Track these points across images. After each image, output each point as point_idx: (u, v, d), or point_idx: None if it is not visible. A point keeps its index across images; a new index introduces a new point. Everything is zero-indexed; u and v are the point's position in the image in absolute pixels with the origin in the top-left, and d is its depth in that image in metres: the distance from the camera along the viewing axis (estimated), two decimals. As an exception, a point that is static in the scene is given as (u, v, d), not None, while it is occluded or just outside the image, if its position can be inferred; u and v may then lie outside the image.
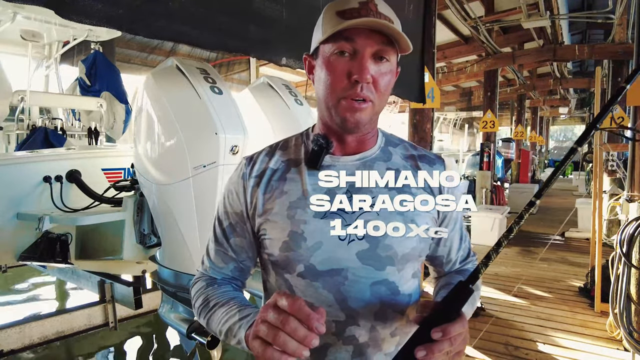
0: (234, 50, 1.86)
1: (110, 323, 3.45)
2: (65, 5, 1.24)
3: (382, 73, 0.80)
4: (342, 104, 0.80)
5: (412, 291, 0.87)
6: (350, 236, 0.81)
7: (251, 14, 1.87)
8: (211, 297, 0.86)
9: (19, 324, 3.05)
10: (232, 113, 2.28)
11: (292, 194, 0.84)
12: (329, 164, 0.85)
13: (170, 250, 2.47)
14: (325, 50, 0.80)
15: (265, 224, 0.84)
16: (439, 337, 0.67)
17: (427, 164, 0.90)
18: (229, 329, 0.79)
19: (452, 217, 0.92)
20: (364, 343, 0.82)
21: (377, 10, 0.78)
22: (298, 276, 0.82)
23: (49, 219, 2.63)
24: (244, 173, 0.89)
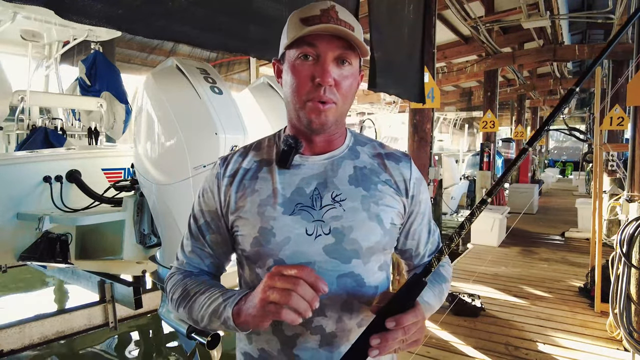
0: (234, 50, 1.86)
1: (110, 323, 3.44)
2: (65, 5, 1.23)
3: (344, 76, 0.84)
4: (308, 106, 0.84)
5: (378, 283, 0.90)
6: (317, 231, 0.84)
7: (251, 14, 1.87)
8: (190, 287, 0.89)
9: (19, 324, 3.04)
10: (232, 113, 2.28)
11: (262, 192, 0.88)
12: (299, 163, 0.90)
13: (170, 250, 2.47)
14: (290, 55, 0.85)
15: (238, 221, 0.89)
16: (392, 326, 0.71)
17: (394, 162, 0.95)
18: (213, 311, 0.81)
19: (418, 211, 0.96)
20: (331, 333, 0.85)
21: (338, 17, 0.82)
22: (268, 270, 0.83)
23: (49, 219, 2.63)
24: (218, 173, 0.93)
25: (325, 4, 0.84)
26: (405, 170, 0.94)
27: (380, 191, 0.89)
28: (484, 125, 8.21)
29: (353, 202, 0.87)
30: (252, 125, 2.50)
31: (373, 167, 0.92)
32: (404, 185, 0.93)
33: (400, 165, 0.94)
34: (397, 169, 0.94)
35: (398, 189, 0.92)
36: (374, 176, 0.91)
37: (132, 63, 8.50)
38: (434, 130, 4.98)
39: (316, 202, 0.86)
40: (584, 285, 4.39)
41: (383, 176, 0.92)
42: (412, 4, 3.16)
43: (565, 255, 5.98)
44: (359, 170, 0.91)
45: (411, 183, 0.94)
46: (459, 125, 19.20)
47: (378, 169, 0.93)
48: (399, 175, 0.93)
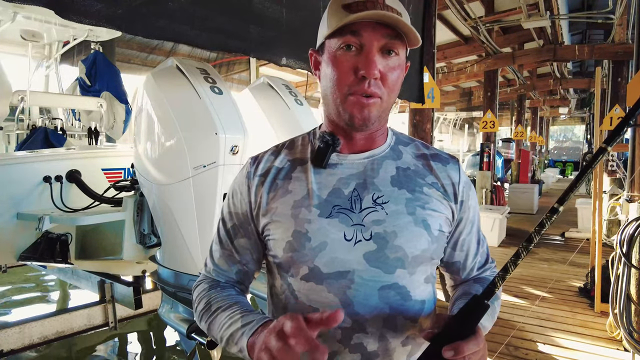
0: (234, 50, 1.86)
1: (110, 323, 3.44)
2: (65, 5, 1.24)
3: (390, 68, 0.76)
4: (350, 100, 0.76)
5: (425, 297, 0.82)
6: (356, 236, 0.77)
7: (251, 14, 1.87)
8: (213, 300, 0.84)
9: (19, 324, 3.04)
10: (232, 113, 2.27)
11: (296, 192, 0.81)
12: (336, 162, 0.82)
13: (170, 250, 2.47)
14: (331, 45, 0.77)
15: (270, 224, 0.81)
16: (450, 355, 0.63)
17: (440, 163, 0.86)
18: (230, 336, 0.76)
19: (468, 218, 0.88)
20: (372, 352, 0.77)
21: (384, 2, 0.75)
22: (302, 279, 0.78)
23: (49, 219, 2.63)
24: (248, 172, 0.86)
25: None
26: (454, 173, 0.85)
27: (426, 194, 0.81)
28: (484, 126, 8.21)
29: (396, 205, 0.78)
30: (252, 125, 2.50)
31: (417, 168, 0.84)
32: (452, 189, 0.84)
33: (448, 167, 0.86)
34: (445, 171, 0.85)
35: (446, 193, 0.83)
36: (418, 178, 0.83)
37: (132, 63, 8.49)
38: (434, 130, 4.99)
39: (355, 204, 0.78)
40: (584, 286, 4.39)
41: (429, 178, 0.83)
42: (412, 4, 3.16)
43: (565, 255, 5.98)
44: (402, 171, 0.82)
45: (460, 187, 0.85)
46: (459, 125, 19.20)
47: (423, 171, 0.84)
48: (447, 178, 0.85)
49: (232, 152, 2.21)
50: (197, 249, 2.29)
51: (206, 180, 2.20)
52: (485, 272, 0.94)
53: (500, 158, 11.31)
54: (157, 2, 1.51)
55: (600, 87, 6.01)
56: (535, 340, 3.32)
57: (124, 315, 3.56)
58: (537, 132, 16.91)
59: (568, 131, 37.86)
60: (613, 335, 3.32)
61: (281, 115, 2.82)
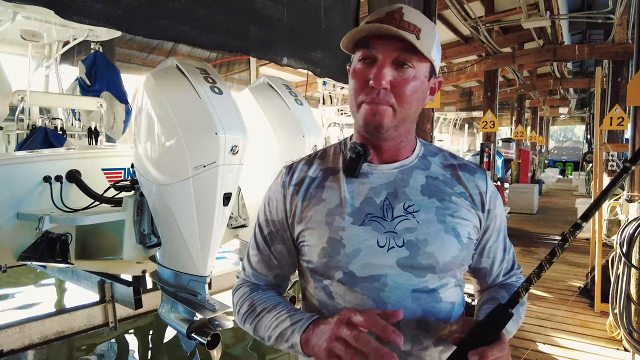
0: (234, 50, 1.86)
1: (110, 323, 3.44)
2: (65, 5, 1.24)
3: (403, 79, 0.80)
4: (362, 108, 0.81)
5: (454, 299, 0.86)
6: (389, 243, 0.80)
7: (252, 14, 1.87)
8: (257, 302, 0.87)
9: (19, 324, 3.03)
10: (232, 113, 2.27)
11: (330, 201, 0.85)
12: (367, 171, 0.86)
13: (170, 250, 2.47)
14: (354, 60, 0.84)
15: (304, 231, 0.85)
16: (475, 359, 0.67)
17: (468, 173, 0.90)
18: (280, 334, 0.79)
19: (494, 227, 0.91)
20: (406, 351, 0.80)
21: (402, 18, 0.79)
22: (338, 282, 0.82)
23: (49, 219, 2.62)
24: (284, 181, 0.91)
25: (393, 7, 0.81)
26: (481, 183, 0.90)
27: (455, 203, 0.85)
28: (484, 125, 8.21)
29: (427, 213, 0.82)
30: (252, 125, 2.50)
31: (446, 178, 0.88)
32: (479, 198, 0.88)
33: (476, 177, 0.90)
34: (472, 180, 0.89)
35: (474, 202, 0.87)
36: (447, 187, 0.87)
37: (132, 63, 8.49)
38: (434, 130, 4.98)
39: (387, 212, 0.82)
40: (584, 285, 4.39)
41: (457, 188, 0.87)
42: (412, 4, 3.16)
43: (565, 255, 5.98)
44: (432, 181, 0.87)
45: (487, 196, 0.89)
46: (459, 125, 19.20)
47: (451, 180, 0.88)
48: (475, 187, 0.89)
49: (232, 152, 2.21)
50: (197, 249, 2.29)
51: (206, 180, 2.20)
52: (511, 277, 0.97)
53: (500, 158, 11.29)
54: (157, 2, 1.51)
55: (600, 87, 6.01)
56: (535, 340, 3.32)
57: (124, 315, 3.56)
58: (537, 132, 16.91)
59: (568, 131, 37.86)
60: (613, 335, 3.32)
61: (281, 115, 2.82)
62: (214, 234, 2.27)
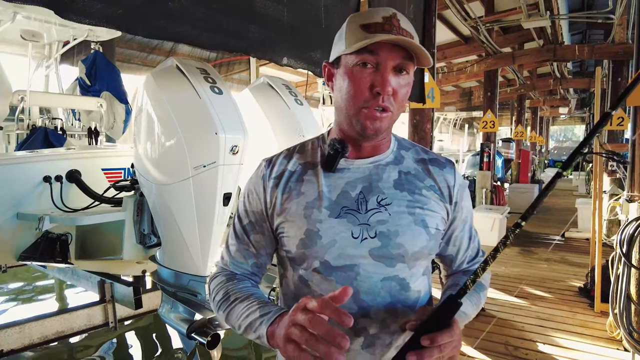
0: (234, 50, 1.86)
1: (110, 323, 3.44)
2: (65, 5, 1.24)
3: (401, 85, 0.85)
4: (363, 113, 0.84)
5: (422, 288, 0.91)
6: (362, 234, 0.85)
7: (252, 14, 1.87)
8: (231, 291, 0.91)
9: (19, 324, 3.03)
10: (232, 113, 2.27)
11: (308, 194, 0.89)
12: (344, 166, 0.91)
13: (170, 250, 2.47)
14: (348, 61, 0.84)
15: (284, 223, 0.90)
16: (427, 344, 0.72)
17: (437, 167, 0.95)
18: (249, 325, 0.83)
19: (461, 217, 0.97)
20: (374, 335, 0.86)
21: (400, 25, 0.82)
22: (314, 271, 0.87)
23: (49, 219, 2.63)
24: (263, 174, 0.94)
25: (387, 12, 0.83)
26: (450, 177, 0.95)
27: (425, 196, 0.90)
28: (484, 125, 8.21)
29: (399, 206, 0.88)
30: (252, 125, 2.50)
31: (417, 172, 0.93)
32: (447, 191, 0.94)
33: (444, 171, 0.95)
34: (441, 174, 0.94)
35: (442, 195, 0.93)
36: (418, 181, 0.92)
37: (132, 63, 8.49)
38: (434, 130, 4.99)
39: (362, 205, 0.87)
40: (584, 286, 4.39)
41: (427, 181, 0.93)
42: (412, 4, 3.16)
43: (565, 255, 5.98)
44: (404, 175, 0.92)
45: (455, 189, 0.94)
46: (459, 125, 19.19)
47: (422, 174, 0.93)
48: (443, 181, 0.94)
49: (232, 152, 2.21)
50: (197, 249, 2.29)
51: (206, 180, 2.20)
52: (475, 265, 1.04)
53: (500, 158, 11.30)
54: (157, 2, 1.51)
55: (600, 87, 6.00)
56: (535, 340, 3.32)
57: (124, 315, 3.56)
58: (537, 132, 16.91)
59: (568, 131, 37.86)
60: (613, 335, 3.32)
61: (281, 115, 2.82)
62: (214, 234, 2.27)
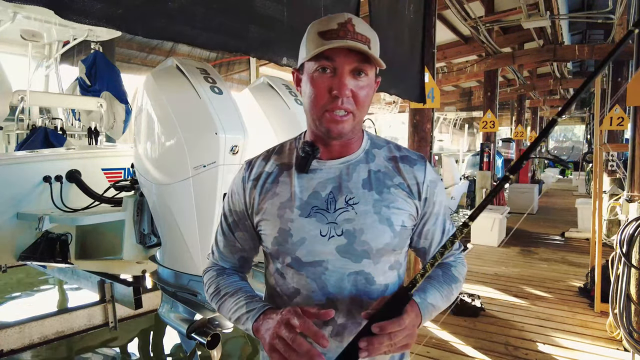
0: (234, 50, 1.86)
1: (110, 323, 3.44)
2: (65, 5, 1.24)
3: (360, 87, 0.88)
4: (326, 116, 0.88)
5: (389, 282, 0.96)
6: (330, 233, 0.91)
7: (251, 14, 1.87)
8: (222, 286, 1.00)
9: (19, 324, 3.04)
10: (232, 113, 2.27)
11: (282, 195, 0.95)
12: (316, 167, 0.95)
13: (170, 250, 2.47)
14: (309, 68, 0.89)
15: (261, 221, 0.97)
16: (377, 331, 0.78)
17: (408, 165, 0.98)
18: (237, 318, 0.93)
19: (432, 212, 1.00)
20: (341, 324, 0.92)
21: (355, 30, 0.86)
22: (287, 266, 0.95)
23: (49, 219, 2.63)
24: (243, 176, 1.01)
25: (343, 17, 0.87)
26: (419, 173, 0.97)
27: (392, 194, 0.94)
28: (484, 125, 8.21)
29: (365, 205, 0.92)
30: (252, 125, 2.50)
31: (387, 170, 0.96)
32: (416, 188, 0.96)
33: (415, 168, 0.98)
34: (411, 172, 0.97)
35: (411, 192, 0.96)
36: (387, 180, 0.95)
37: (132, 63, 8.49)
38: (434, 130, 4.98)
39: (331, 205, 0.92)
40: (584, 285, 4.39)
41: (396, 179, 0.96)
42: (412, 4, 3.16)
43: (565, 255, 5.98)
44: (374, 174, 0.95)
45: (424, 186, 0.97)
46: (459, 125, 19.20)
47: (392, 173, 0.96)
48: (413, 178, 0.97)
49: (232, 152, 2.21)
50: (197, 249, 2.29)
51: (206, 180, 2.20)
52: (449, 257, 1.07)
53: (500, 158, 11.31)
54: (157, 2, 1.51)
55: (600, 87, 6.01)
56: (535, 340, 3.32)
57: (124, 315, 3.56)
58: (537, 132, 16.90)
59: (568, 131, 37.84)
60: (613, 335, 3.32)
61: (281, 115, 2.82)
62: (214, 234, 2.26)
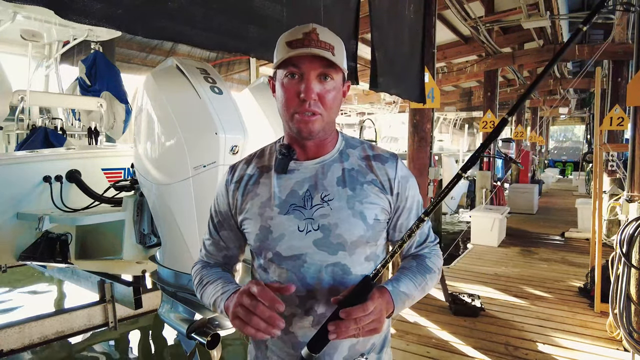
0: (234, 50, 1.86)
1: (110, 323, 3.44)
2: (65, 5, 1.24)
3: (326, 90, 0.96)
4: (296, 118, 0.96)
5: (366, 272, 0.99)
6: (307, 228, 0.98)
7: (251, 14, 1.87)
8: (204, 276, 1.08)
9: (19, 324, 3.03)
10: (232, 113, 2.27)
11: (262, 195, 1.02)
12: (293, 168, 1.02)
13: (170, 250, 2.47)
14: (280, 75, 0.98)
15: (244, 221, 1.04)
16: (344, 316, 0.84)
17: (380, 162, 1.05)
18: (214, 302, 0.99)
19: (404, 207, 1.07)
20: (321, 314, 0.98)
21: (318, 39, 0.94)
22: (269, 261, 1.01)
23: (49, 219, 2.63)
24: (227, 180, 1.09)
25: (307, 27, 0.95)
26: (390, 170, 1.04)
27: (365, 190, 1.01)
28: (484, 125, 8.21)
29: (339, 201, 0.99)
30: (252, 125, 2.50)
31: (360, 168, 1.03)
32: (388, 184, 1.03)
33: (386, 165, 1.05)
34: (383, 169, 1.04)
35: (383, 188, 1.03)
36: (360, 177, 1.02)
37: (132, 63, 8.49)
38: (434, 130, 4.99)
39: (307, 202, 0.99)
40: (584, 286, 4.39)
41: (369, 176, 1.03)
42: (412, 4, 3.16)
43: (565, 255, 5.98)
44: (347, 172, 1.02)
45: (395, 182, 1.04)
46: (459, 125, 19.20)
47: (365, 170, 1.03)
48: (384, 175, 1.04)
49: (232, 152, 2.21)
50: (197, 249, 2.28)
51: (206, 180, 2.20)
52: (423, 249, 1.12)
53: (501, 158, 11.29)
54: (157, 2, 1.51)
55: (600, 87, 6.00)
56: (535, 340, 3.32)
57: (124, 315, 3.56)
58: (537, 132, 16.89)
59: (568, 131, 37.84)
60: (613, 335, 3.32)
61: (281, 115, 2.81)
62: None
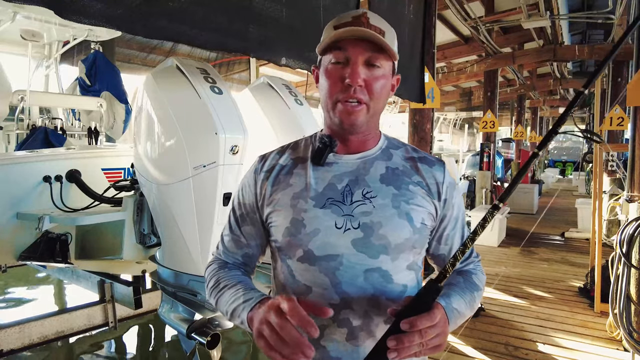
0: (234, 50, 1.86)
1: (110, 323, 3.44)
2: (65, 5, 1.24)
3: (374, 77, 0.87)
4: (338, 107, 0.88)
5: (407, 282, 0.91)
6: (346, 225, 0.87)
7: (251, 14, 1.87)
8: (221, 279, 0.95)
9: (19, 323, 3.04)
10: (232, 113, 2.27)
11: (296, 186, 0.92)
12: (332, 161, 0.93)
13: (170, 250, 2.47)
14: (325, 61, 0.90)
15: (272, 213, 0.93)
16: (406, 328, 0.71)
17: (427, 165, 0.96)
18: (234, 310, 0.86)
19: (452, 215, 0.97)
20: (357, 327, 0.86)
21: (369, 22, 0.86)
22: (298, 260, 0.89)
23: (48, 219, 2.63)
24: (256, 168, 0.99)
25: (358, 12, 0.88)
26: (439, 174, 0.95)
27: (411, 191, 0.91)
28: (484, 125, 8.21)
29: (383, 199, 0.89)
30: (252, 125, 2.50)
31: (405, 168, 0.94)
32: (436, 188, 0.94)
33: (434, 168, 0.96)
34: (430, 171, 0.95)
35: (430, 191, 0.93)
36: (405, 177, 0.93)
37: (132, 63, 8.48)
38: (434, 130, 4.99)
39: (347, 197, 0.89)
40: (584, 286, 4.39)
41: (415, 178, 0.93)
42: (412, 4, 3.16)
43: (565, 255, 5.98)
44: (391, 171, 0.93)
45: (444, 187, 0.95)
46: (459, 125, 19.20)
47: (410, 171, 0.94)
48: (432, 178, 0.94)
49: (232, 152, 2.21)
50: (197, 249, 2.29)
51: (206, 180, 2.20)
52: (468, 265, 1.02)
53: (500, 158, 11.29)
54: (157, 2, 1.51)
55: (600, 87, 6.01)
56: (535, 340, 3.32)
57: (124, 315, 3.57)
58: (537, 132, 16.90)
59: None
60: (613, 335, 3.32)
61: (281, 115, 2.81)
62: (213, 234, 2.27)
